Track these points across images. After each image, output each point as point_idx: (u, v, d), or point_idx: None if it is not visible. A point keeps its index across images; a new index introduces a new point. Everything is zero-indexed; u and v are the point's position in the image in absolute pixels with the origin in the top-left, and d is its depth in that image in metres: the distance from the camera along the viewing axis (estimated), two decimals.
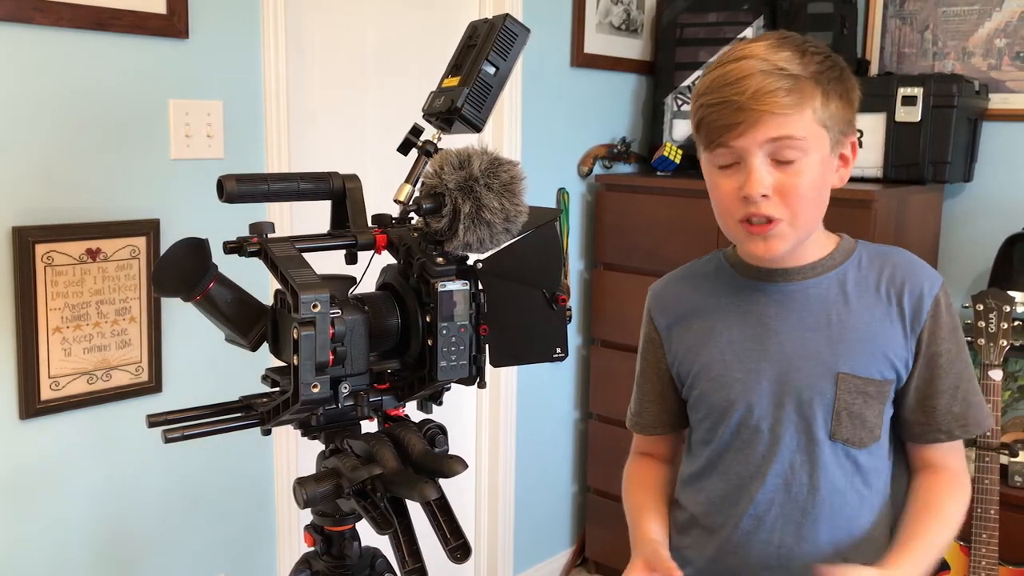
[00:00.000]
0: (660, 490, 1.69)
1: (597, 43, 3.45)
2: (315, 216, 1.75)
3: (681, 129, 3.52)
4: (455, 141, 1.51)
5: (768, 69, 1.38)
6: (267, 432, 1.46)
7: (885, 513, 1.53)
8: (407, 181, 1.52)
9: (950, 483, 1.52)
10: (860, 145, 1.55)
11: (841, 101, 1.43)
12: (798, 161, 1.39)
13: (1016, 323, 2.71)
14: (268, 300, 1.44)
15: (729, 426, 1.54)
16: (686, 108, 3.51)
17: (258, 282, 1.59)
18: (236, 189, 1.40)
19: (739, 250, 1.58)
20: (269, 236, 1.38)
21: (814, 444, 1.48)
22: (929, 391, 1.50)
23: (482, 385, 1.48)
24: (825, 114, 1.41)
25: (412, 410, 1.50)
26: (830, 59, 1.43)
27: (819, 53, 1.42)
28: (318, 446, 1.48)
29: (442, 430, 1.45)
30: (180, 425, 1.39)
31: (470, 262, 1.45)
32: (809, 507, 1.49)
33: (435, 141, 1.56)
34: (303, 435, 1.46)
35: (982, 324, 2.70)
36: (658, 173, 3.51)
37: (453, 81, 1.56)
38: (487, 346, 1.47)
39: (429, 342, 1.40)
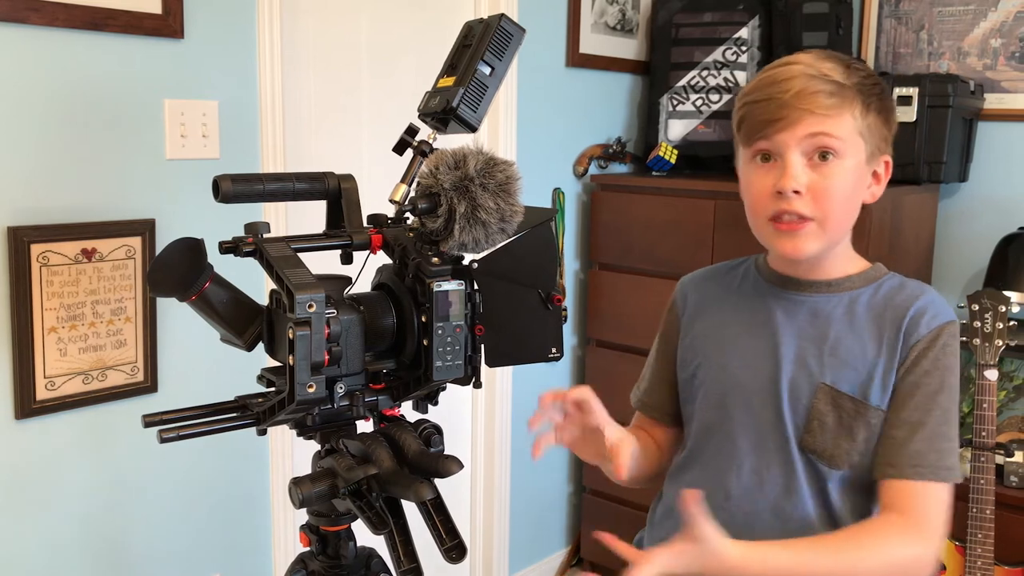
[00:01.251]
0: (644, 442, 1.68)
1: (592, 43, 3.45)
2: (310, 216, 1.75)
3: (676, 129, 3.52)
4: (451, 141, 1.52)
5: (813, 74, 1.44)
6: (263, 432, 1.46)
7: None
8: (403, 181, 1.52)
9: (885, 526, 1.41)
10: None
11: (879, 116, 1.48)
12: (833, 162, 1.43)
13: (1012, 323, 2.71)
14: (263, 300, 1.44)
15: (715, 418, 1.58)
16: (681, 108, 3.51)
17: (253, 282, 1.59)
18: (232, 189, 1.40)
19: (768, 255, 1.62)
20: (264, 236, 1.38)
21: (788, 450, 1.50)
22: (893, 420, 1.46)
23: (478, 385, 1.48)
24: (863, 124, 1.45)
25: (408, 410, 1.50)
26: (872, 76, 1.49)
27: (862, 70, 1.48)
28: (314, 446, 1.48)
29: (438, 430, 1.45)
30: (176, 425, 1.39)
31: (466, 262, 1.45)
32: (779, 509, 1.50)
33: (431, 141, 1.56)
34: (299, 435, 1.47)
35: (977, 324, 2.71)
36: (653, 173, 3.51)
37: (448, 81, 1.56)
38: (482, 346, 1.47)
39: (425, 342, 1.40)
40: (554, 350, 1.54)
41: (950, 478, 1.43)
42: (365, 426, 1.48)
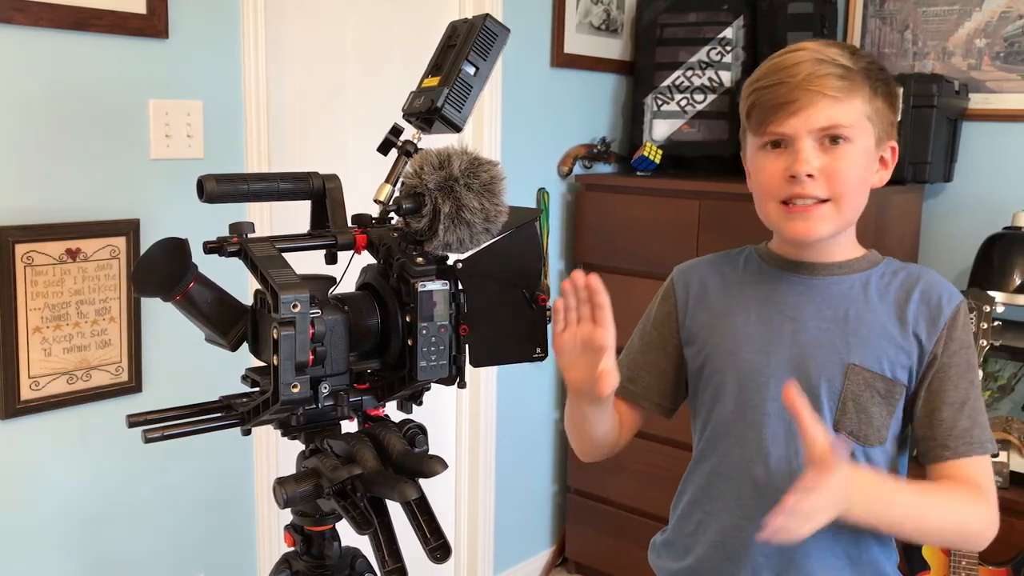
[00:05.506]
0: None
1: (577, 43, 3.46)
2: (295, 216, 1.75)
3: (661, 129, 3.53)
4: (435, 141, 1.52)
5: (821, 58, 1.45)
6: (247, 432, 1.46)
7: None
8: (387, 181, 1.52)
9: (968, 489, 1.48)
10: None
11: (885, 101, 1.50)
12: (844, 145, 1.45)
13: (996, 323, 2.72)
14: (248, 300, 1.44)
15: (734, 406, 1.56)
16: (666, 108, 3.52)
17: (238, 282, 1.59)
18: (216, 189, 1.40)
19: (773, 242, 1.62)
20: (249, 236, 1.37)
21: None
22: (936, 403, 1.50)
23: (462, 385, 1.48)
24: (871, 109, 1.47)
25: (392, 410, 1.50)
26: (877, 63, 1.51)
27: (867, 56, 1.50)
28: (298, 446, 1.47)
29: (422, 430, 1.45)
30: (160, 425, 1.39)
31: (450, 262, 1.44)
32: None
33: (415, 141, 1.56)
34: (283, 435, 1.46)
35: None
36: (638, 173, 3.52)
37: (433, 81, 1.55)
38: (467, 346, 1.47)
39: (409, 342, 1.40)
40: (538, 350, 1.54)
41: (992, 449, 1.51)
42: (349, 426, 1.48)
